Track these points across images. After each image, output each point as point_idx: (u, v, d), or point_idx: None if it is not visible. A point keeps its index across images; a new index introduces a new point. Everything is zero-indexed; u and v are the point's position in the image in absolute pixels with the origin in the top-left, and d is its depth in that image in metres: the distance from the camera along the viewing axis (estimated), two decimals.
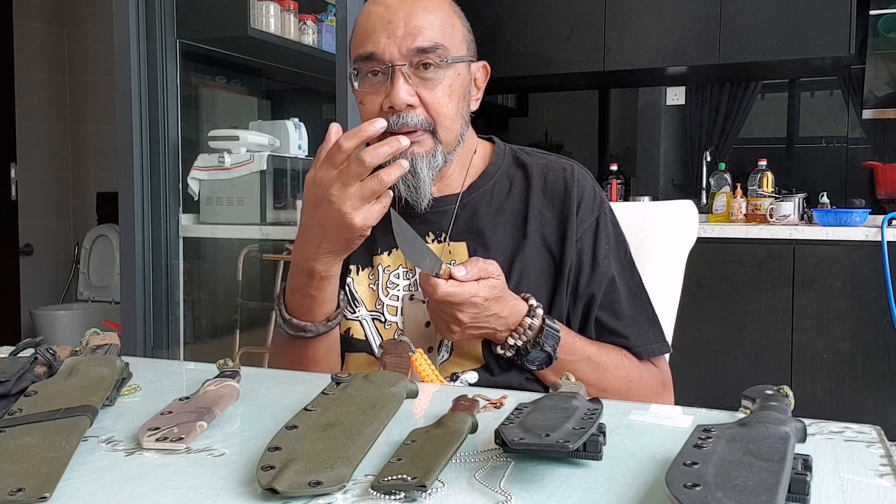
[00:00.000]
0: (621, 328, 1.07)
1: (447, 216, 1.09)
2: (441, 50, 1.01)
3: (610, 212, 1.12)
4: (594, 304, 1.07)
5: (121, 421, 0.72)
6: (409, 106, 1.00)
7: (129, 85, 2.52)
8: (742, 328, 3.02)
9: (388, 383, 0.71)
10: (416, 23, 1.00)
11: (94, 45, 4.40)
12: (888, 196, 3.24)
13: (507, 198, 1.10)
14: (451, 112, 1.03)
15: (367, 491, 0.54)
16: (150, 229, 2.61)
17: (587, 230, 1.08)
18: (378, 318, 1.09)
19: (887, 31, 3.27)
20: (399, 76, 0.99)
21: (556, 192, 1.09)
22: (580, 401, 0.66)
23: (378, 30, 1.01)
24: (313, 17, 3.01)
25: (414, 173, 1.02)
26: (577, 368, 1.01)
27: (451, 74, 1.03)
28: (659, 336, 1.10)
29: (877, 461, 0.62)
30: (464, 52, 1.06)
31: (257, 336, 2.94)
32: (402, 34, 1.00)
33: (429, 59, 1.00)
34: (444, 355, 1.06)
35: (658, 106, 3.83)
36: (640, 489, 0.56)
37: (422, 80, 1.01)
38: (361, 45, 1.02)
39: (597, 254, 1.07)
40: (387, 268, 1.10)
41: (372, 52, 1.01)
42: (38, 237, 4.34)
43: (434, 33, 1.01)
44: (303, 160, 2.87)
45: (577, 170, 1.12)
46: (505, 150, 1.16)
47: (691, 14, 3.34)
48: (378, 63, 1.01)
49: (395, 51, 1.00)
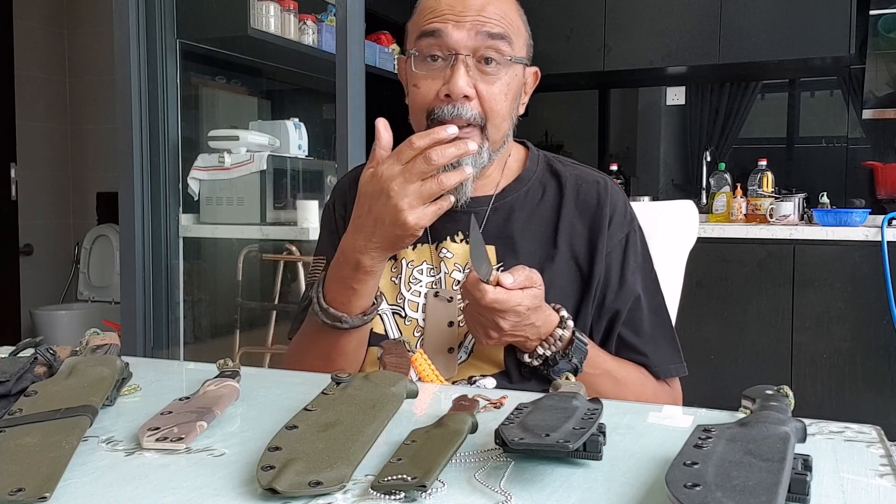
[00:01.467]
0: (641, 346, 1.07)
1: (478, 217, 1.08)
2: (506, 43, 1.01)
3: (639, 229, 1.12)
4: (618, 319, 1.07)
5: (121, 421, 0.72)
6: (465, 98, 0.99)
7: (129, 85, 2.52)
8: (742, 328, 3.02)
9: (388, 383, 0.71)
10: (486, 13, 1.00)
11: (94, 45, 4.40)
12: (888, 196, 3.24)
13: (539, 205, 1.10)
14: (504, 111, 1.03)
15: (367, 491, 0.54)
16: (150, 229, 2.61)
17: (616, 245, 1.08)
18: (398, 313, 1.08)
19: (887, 31, 3.27)
20: (461, 64, 0.99)
21: (588, 204, 1.09)
22: (580, 401, 0.66)
23: (447, 12, 1.00)
24: (313, 17, 3.01)
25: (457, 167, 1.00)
26: (598, 382, 1.01)
27: (510, 73, 1.03)
28: (676, 357, 1.10)
29: (877, 461, 0.62)
30: (524, 55, 1.06)
31: (257, 336, 2.94)
32: (470, 21, 0.99)
33: (493, 50, 1.00)
34: (463, 356, 1.05)
35: (658, 106, 3.83)
36: (640, 489, 0.56)
37: (482, 73, 1.01)
38: (427, 22, 1.01)
39: (625, 270, 1.07)
40: (410, 262, 1.10)
41: (439, 30, 1.00)
42: (38, 237, 4.34)
43: (502, 27, 1.01)
44: (303, 160, 2.87)
45: (611, 184, 1.12)
46: (539, 155, 1.15)
47: (691, 14, 3.34)
48: (441, 47, 1.00)
49: (463, 37, 0.99)
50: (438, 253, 1.09)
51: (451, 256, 1.09)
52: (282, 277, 2.89)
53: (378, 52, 3.52)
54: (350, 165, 2.30)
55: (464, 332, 1.05)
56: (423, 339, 1.07)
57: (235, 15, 2.68)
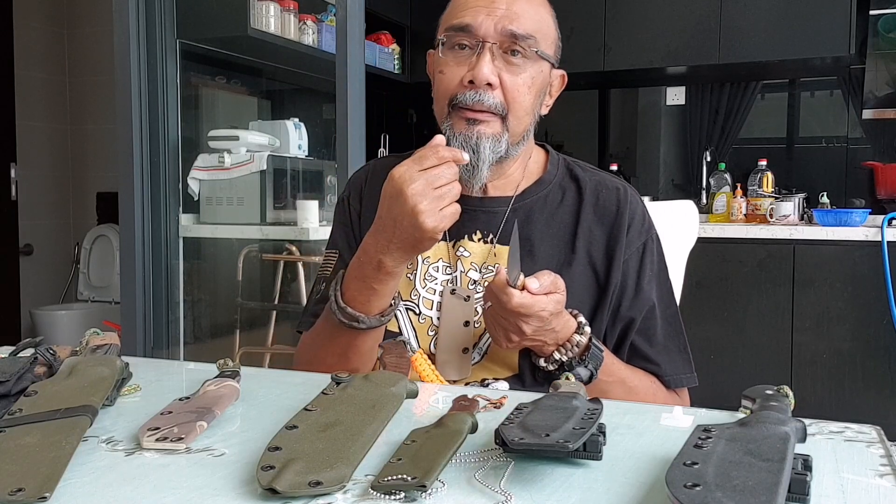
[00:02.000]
0: (654, 355, 1.07)
1: (498, 218, 1.09)
2: (533, 41, 1.01)
3: (657, 238, 1.12)
4: (632, 327, 1.07)
5: (121, 421, 0.72)
6: (489, 85, 1.00)
7: (129, 85, 2.52)
8: (742, 328, 3.02)
9: (388, 383, 0.71)
10: (517, 8, 1.01)
11: (94, 45, 4.39)
12: (888, 196, 3.24)
13: (558, 209, 1.10)
14: (527, 103, 1.03)
15: (367, 491, 0.54)
16: (150, 229, 2.61)
17: (634, 253, 1.08)
18: (413, 310, 1.08)
19: (887, 31, 3.27)
20: (487, 52, 1.00)
21: (607, 211, 1.09)
22: (580, 401, 0.66)
23: (479, 5, 1.01)
24: (313, 17, 3.01)
25: (476, 151, 1.01)
26: (610, 389, 1.01)
27: (535, 67, 1.03)
28: (688, 367, 1.10)
29: (877, 461, 0.62)
30: (551, 53, 1.07)
31: (257, 336, 2.94)
32: (501, 14, 1.00)
33: (519, 46, 1.01)
34: (476, 357, 1.05)
35: (658, 106, 3.83)
36: (640, 489, 0.56)
37: (507, 63, 1.01)
38: (457, 15, 1.03)
39: (641, 278, 1.07)
40: (426, 259, 1.10)
41: (468, 24, 1.01)
42: (38, 237, 4.34)
43: (532, 24, 1.02)
44: (303, 160, 2.87)
45: (630, 192, 1.12)
46: (559, 159, 1.15)
47: (691, 14, 3.34)
48: (470, 36, 1.01)
49: (491, 27, 1.00)
50: (456, 251, 1.09)
51: (468, 255, 1.09)
52: (282, 277, 2.89)
53: (378, 52, 3.52)
54: (350, 165, 2.31)
55: (479, 332, 1.05)
56: (438, 337, 1.06)
57: (235, 15, 2.68)
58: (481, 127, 1.00)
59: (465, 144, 1.00)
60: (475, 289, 1.06)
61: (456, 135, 1.01)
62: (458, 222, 1.03)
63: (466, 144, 1.00)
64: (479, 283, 1.07)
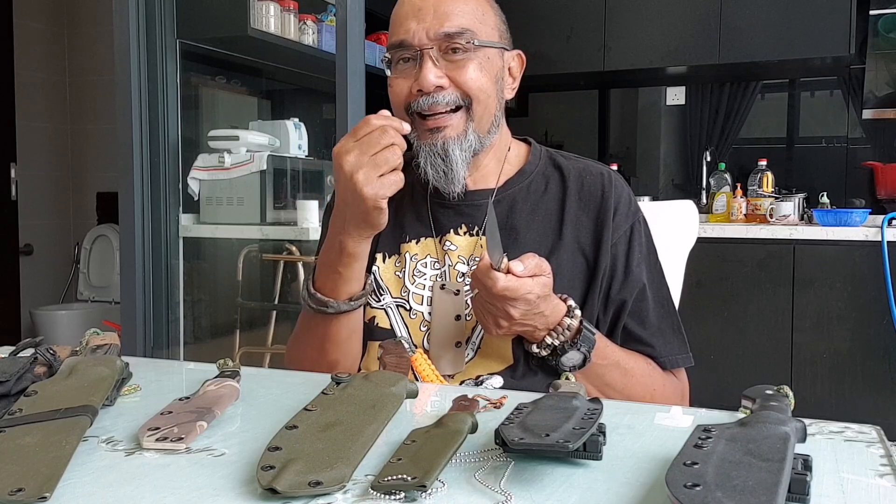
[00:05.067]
0: (647, 337, 1.08)
1: (481, 210, 1.09)
2: (469, 34, 1.02)
3: (644, 221, 1.12)
4: (624, 310, 1.07)
5: (121, 421, 0.72)
6: (439, 87, 1.01)
7: (129, 85, 2.52)
8: (742, 328, 3.02)
9: (388, 383, 0.71)
10: (445, 9, 1.02)
11: (94, 45, 4.39)
12: (888, 196, 3.24)
13: (542, 197, 1.11)
14: (486, 87, 1.04)
15: (367, 491, 0.54)
16: (150, 229, 2.61)
17: (622, 237, 1.08)
18: (403, 306, 1.08)
19: (887, 31, 3.27)
20: (427, 59, 1.01)
21: (592, 196, 1.09)
22: (580, 401, 0.66)
23: (409, 17, 1.03)
24: (313, 17, 3.01)
25: (445, 157, 1.02)
26: (606, 373, 1.01)
27: (480, 56, 1.04)
28: (683, 347, 1.11)
29: (877, 461, 0.62)
30: (495, 40, 1.07)
31: (257, 336, 2.94)
32: (430, 19, 1.02)
33: (456, 44, 1.02)
34: (470, 353, 1.05)
35: (658, 106, 3.83)
36: (640, 489, 0.56)
37: (450, 62, 1.03)
38: (394, 33, 1.05)
39: (630, 261, 1.07)
40: (414, 256, 1.10)
41: (402, 40, 1.03)
42: (38, 237, 4.34)
43: (463, 19, 1.02)
44: (303, 160, 2.87)
45: (615, 176, 1.12)
46: (540, 150, 1.16)
47: (691, 14, 3.34)
48: (408, 49, 1.03)
49: (424, 35, 1.02)
50: (442, 246, 1.10)
51: (455, 249, 1.09)
52: (282, 277, 2.88)
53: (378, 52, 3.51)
54: None
55: (471, 325, 1.05)
56: (430, 333, 1.06)
57: (235, 15, 2.68)
58: (445, 131, 1.03)
59: (432, 153, 1.03)
60: (464, 282, 1.07)
61: (422, 146, 1.03)
62: (443, 218, 1.04)
63: (434, 153, 1.03)
64: (467, 276, 1.07)
